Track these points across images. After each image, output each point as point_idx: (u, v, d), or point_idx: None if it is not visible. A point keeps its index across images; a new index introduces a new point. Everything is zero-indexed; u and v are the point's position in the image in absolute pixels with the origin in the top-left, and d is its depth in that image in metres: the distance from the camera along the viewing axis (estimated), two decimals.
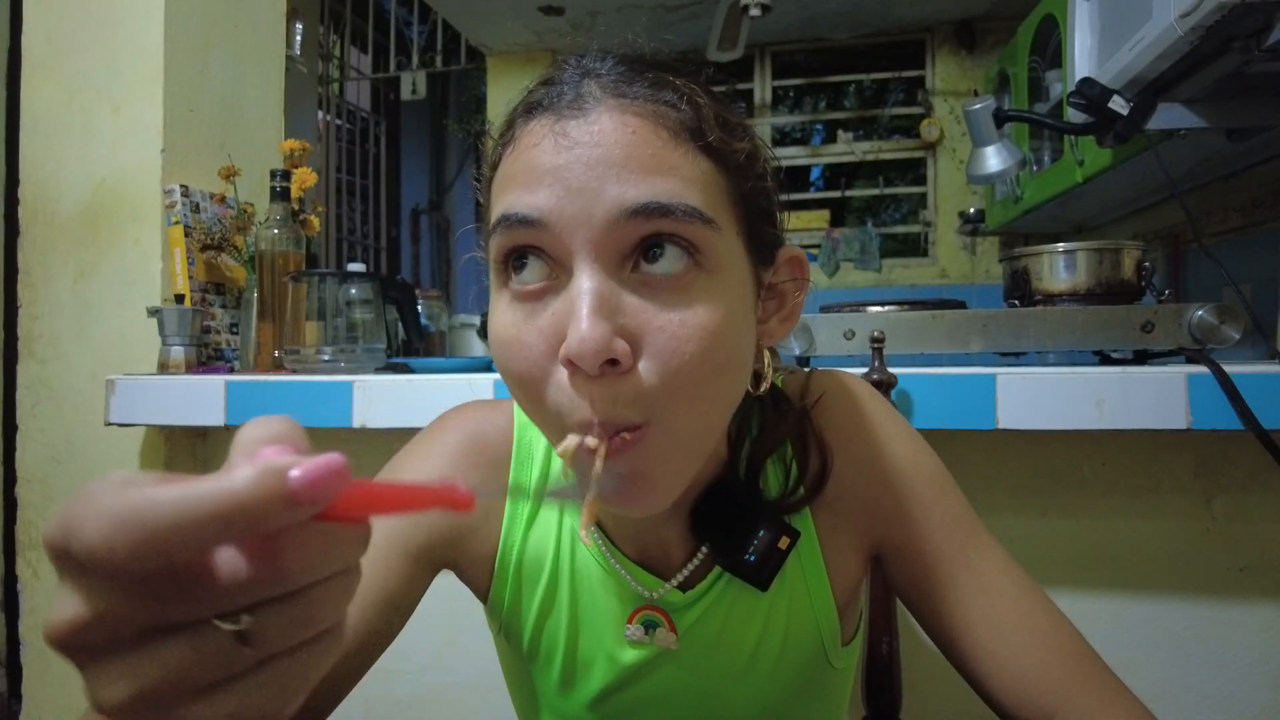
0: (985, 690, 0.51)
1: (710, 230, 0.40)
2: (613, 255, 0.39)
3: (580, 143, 0.39)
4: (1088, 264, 1.06)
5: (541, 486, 0.55)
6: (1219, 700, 0.96)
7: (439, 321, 1.80)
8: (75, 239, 1.32)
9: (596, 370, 0.37)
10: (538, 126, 0.41)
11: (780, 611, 0.53)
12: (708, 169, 0.41)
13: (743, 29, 2.43)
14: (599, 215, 0.38)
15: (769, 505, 0.52)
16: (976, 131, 1.22)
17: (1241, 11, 0.90)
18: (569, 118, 0.40)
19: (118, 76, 1.31)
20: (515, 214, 0.39)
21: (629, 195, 0.38)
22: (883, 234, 3.45)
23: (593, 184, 0.38)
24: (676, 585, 0.53)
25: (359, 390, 1.06)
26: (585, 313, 0.37)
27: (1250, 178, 1.79)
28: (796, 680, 0.55)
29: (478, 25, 3.35)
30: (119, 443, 1.27)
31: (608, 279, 0.39)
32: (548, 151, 0.39)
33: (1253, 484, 0.95)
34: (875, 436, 0.54)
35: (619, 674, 0.54)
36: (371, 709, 1.21)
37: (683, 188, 0.39)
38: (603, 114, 0.39)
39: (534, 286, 0.40)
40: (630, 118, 0.39)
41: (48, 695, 1.31)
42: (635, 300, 0.39)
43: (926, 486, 0.53)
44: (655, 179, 0.38)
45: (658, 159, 0.39)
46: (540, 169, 0.39)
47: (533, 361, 0.40)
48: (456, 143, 4.89)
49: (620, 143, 0.39)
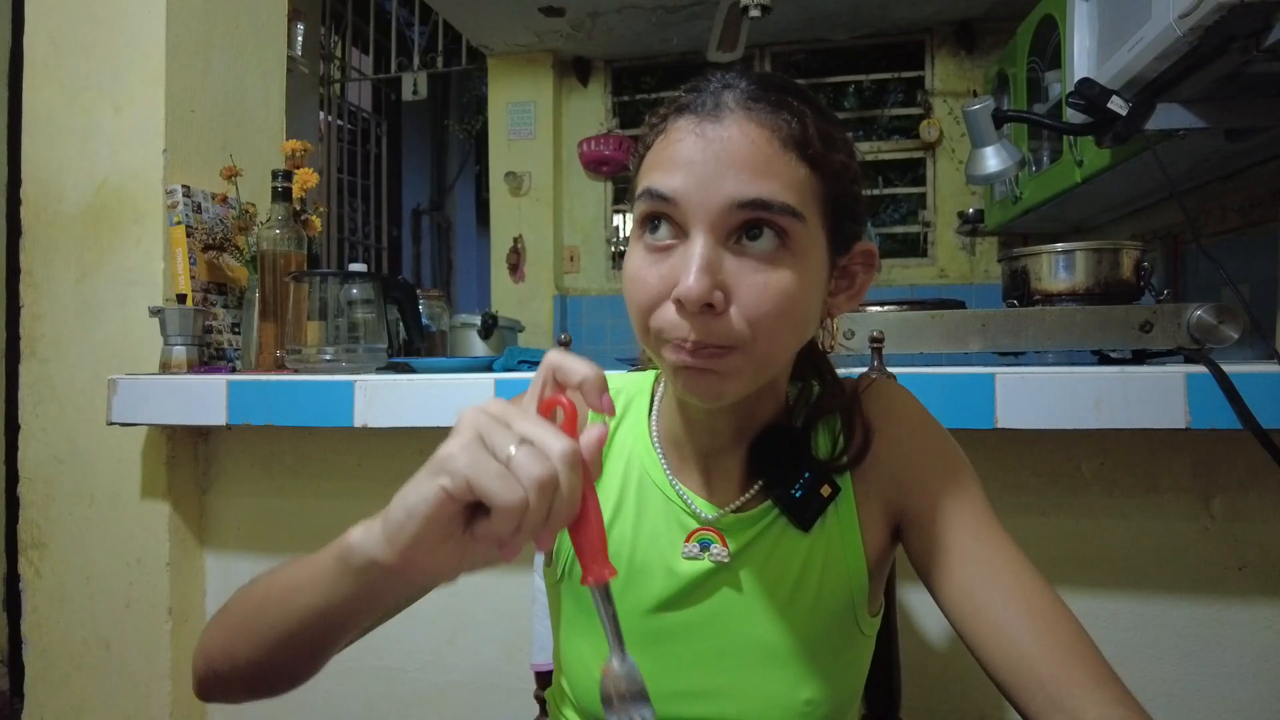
0: (982, 656, 0.55)
1: (798, 223, 0.51)
2: (721, 231, 0.50)
3: (712, 142, 0.50)
4: (1086, 264, 1.07)
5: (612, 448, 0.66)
6: (1218, 699, 0.96)
7: (440, 321, 1.81)
8: (77, 239, 1.32)
9: (697, 310, 0.49)
10: (683, 124, 0.52)
11: (818, 556, 0.61)
12: (805, 174, 0.52)
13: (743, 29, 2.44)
14: (716, 201, 0.50)
15: (817, 462, 0.61)
16: (976, 132, 1.22)
17: (1241, 11, 0.90)
18: (708, 121, 0.51)
19: (119, 77, 1.31)
20: (656, 190, 0.51)
21: (741, 190, 0.50)
22: (882, 234, 3.45)
23: (716, 178, 0.50)
24: (731, 510, 0.61)
25: (360, 390, 1.06)
26: (695, 268, 0.49)
27: (1249, 178, 1.79)
28: (830, 627, 0.61)
29: (478, 26, 3.36)
30: (121, 442, 1.27)
31: (715, 246, 0.50)
32: (688, 146, 0.51)
33: (1251, 483, 0.95)
34: (908, 423, 0.64)
35: (676, 586, 0.61)
36: (373, 707, 1.21)
37: (782, 188, 0.50)
38: (733, 123, 0.51)
39: (662, 243, 0.52)
40: (752, 128, 0.51)
41: (50, 694, 1.31)
42: (734, 263, 0.51)
43: (946, 468, 0.61)
44: (762, 180, 0.50)
45: (768, 164, 0.50)
46: (680, 159, 0.51)
47: (649, 294, 0.52)
48: (457, 143, 4.90)
49: (742, 148, 0.50)
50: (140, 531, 1.26)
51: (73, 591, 1.30)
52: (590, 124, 3.67)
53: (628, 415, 0.67)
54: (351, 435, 1.22)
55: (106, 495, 1.28)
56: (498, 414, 0.41)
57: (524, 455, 0.39)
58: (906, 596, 1.02)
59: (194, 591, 1.29)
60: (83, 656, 1.29)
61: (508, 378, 1.04)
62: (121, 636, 1.27)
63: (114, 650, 1.28)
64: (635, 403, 0.68)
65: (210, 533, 1.31)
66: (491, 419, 0.40)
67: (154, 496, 1.26)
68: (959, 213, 3.26)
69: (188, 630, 1.28)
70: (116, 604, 1.27)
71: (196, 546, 1.30)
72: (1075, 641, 0.52)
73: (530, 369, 1.15)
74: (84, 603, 1.29)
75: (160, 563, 1.25)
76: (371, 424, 1.06)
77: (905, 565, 0.64)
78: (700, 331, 0.50)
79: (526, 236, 3.62)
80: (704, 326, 0.50)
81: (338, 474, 1.24)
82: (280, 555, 1.25)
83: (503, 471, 0.38)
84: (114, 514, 1.28)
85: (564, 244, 3.71)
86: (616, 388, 0.68)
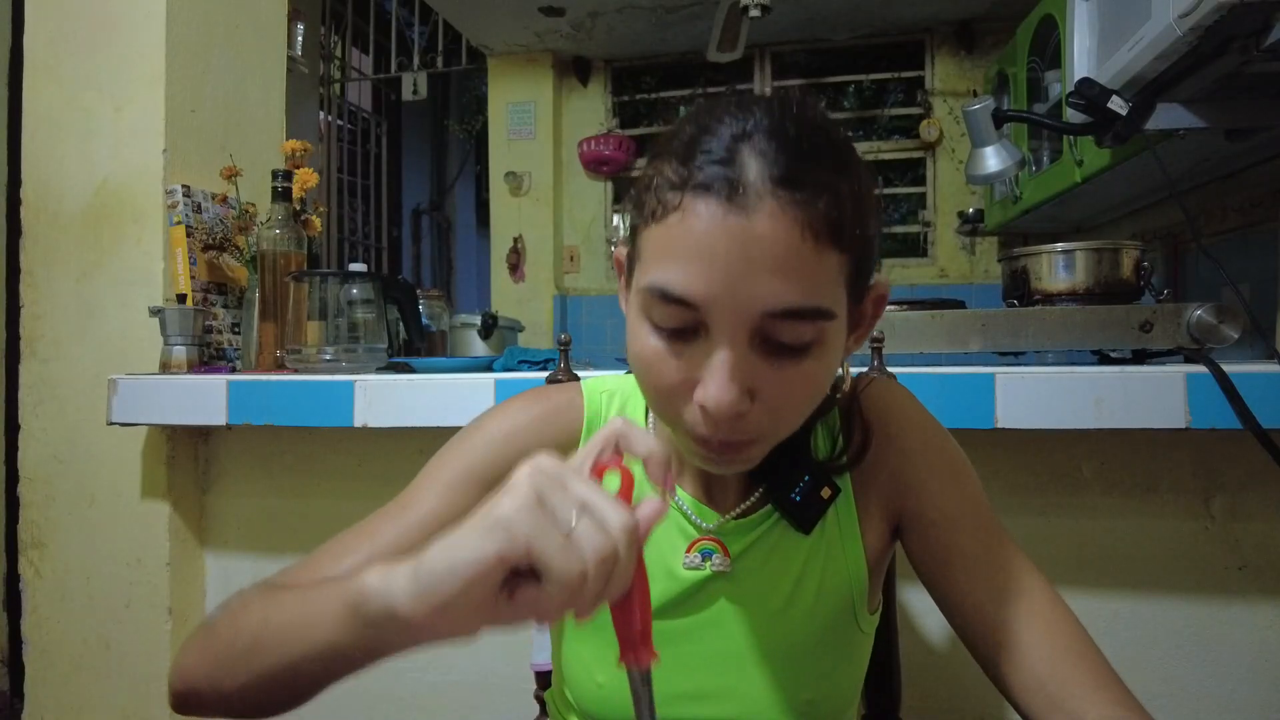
0: (982, 657, 0.54)
1: (832, 321, 0.47)
2: (751, 336, 0.46)
3: (739, 239, 0.44)
4: (1086, 264, 1.07)
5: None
6: (1218, 699, 0.96)
7: (440, 321, 1.81)
8: (77, 239, 1.32)
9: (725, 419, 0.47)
10: (705, 208, 0.45)
11: (818, 557, 0.61)
12: (841, 262, 0.47)
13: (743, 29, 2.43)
14: (746, 308, 0.45)
15: (817, 464, 0.61)
16: (976, 132, 1.22)
17: (1241, 11, 0.90)
18: (737, 211, 0.44)
19: (119, 77, 1.31)
20: (673, 293, 0.46)
21: (775, 300, 0.45)
22: (882, 234, 3.45)
23: (745, 283, 0.44)
24: (732, 517, 0.61)
25: (360, 390, 1.06)
26: (724, 379, 0.46)
27: (1249, 178, 1.79)
28: (830, 627, 0.61)
29: (478, 26, 3.36)
30: (121, 442, 1.27)
31: (745, 351, 0.46)
32: (710, 237, 0.44)
33: (1251, 483, 0.95)
34: (907, 422, 0.63)
35: (677, 592, 0.60)
36: (373, 707, 1.21)
37: (816, 288, 0.46)
38: (763, 215, 0.44)
39: (680, 329, 0.48)
40: (787, 223, 0.44)
41: (50, 694, 1.31)
42: (761, 363, 0.47)
43: (946, 467, 0.61)
44: (797, 282, 0.45)
45: (804, 264, 0.45)
46: (699, 253, 0.45)
47: (670, 387, 0.49)
48: (457, 143, 4.90)
49: (775, 249, 0.44)
50: (140, 531, 1.26)
51: (73, 591, 1.30)
52: (590, 124, 3.68)
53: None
54: (351, 435, 1.22)
55: (106, 495, 1.28)
56: (554, 475, 0.38)
57: (586, 527, 0.36)
58: (906, 596, 1.01)
59: (194, 591, 1.29)
60: (83, 656, 1.29)
61: (508, 378, 1.04)
62: (121, 636, 1.27)
63: (114, 650, 1.28)
64: (630, 406, 0.67)
65: (210, 533, 1.31)
66: (551, 481, 0.38)
67: (154, 496, 1.26)
68: (959, 212, 3.26)
69: (187, 630, 1.28)
70: (116, 604, 1.27)
71: (196, 546, 1.30)
72: (1076, 642, 0.52)
73: (530, 369, 1.15)
74: (84, 603, 1.29)
75: (160, 563, 1.25)
76: (371, 424, 1.06)
77: (905, 564, 0.64)
78: (726, 432, 0.48)
79: (526, 236, 3.62)
80: (730, 427, 0.48)
81: (338, 474, 1.24)
82: (280, 555, 1.25)
83: (565, 543, 0.36)
84: (114, 514, 1.28)
85: (564, 244, 3.71)
86: (611, 389, 0.68)
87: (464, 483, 0.60)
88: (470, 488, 0.60)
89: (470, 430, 0.64)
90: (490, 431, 0.63)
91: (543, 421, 0.64)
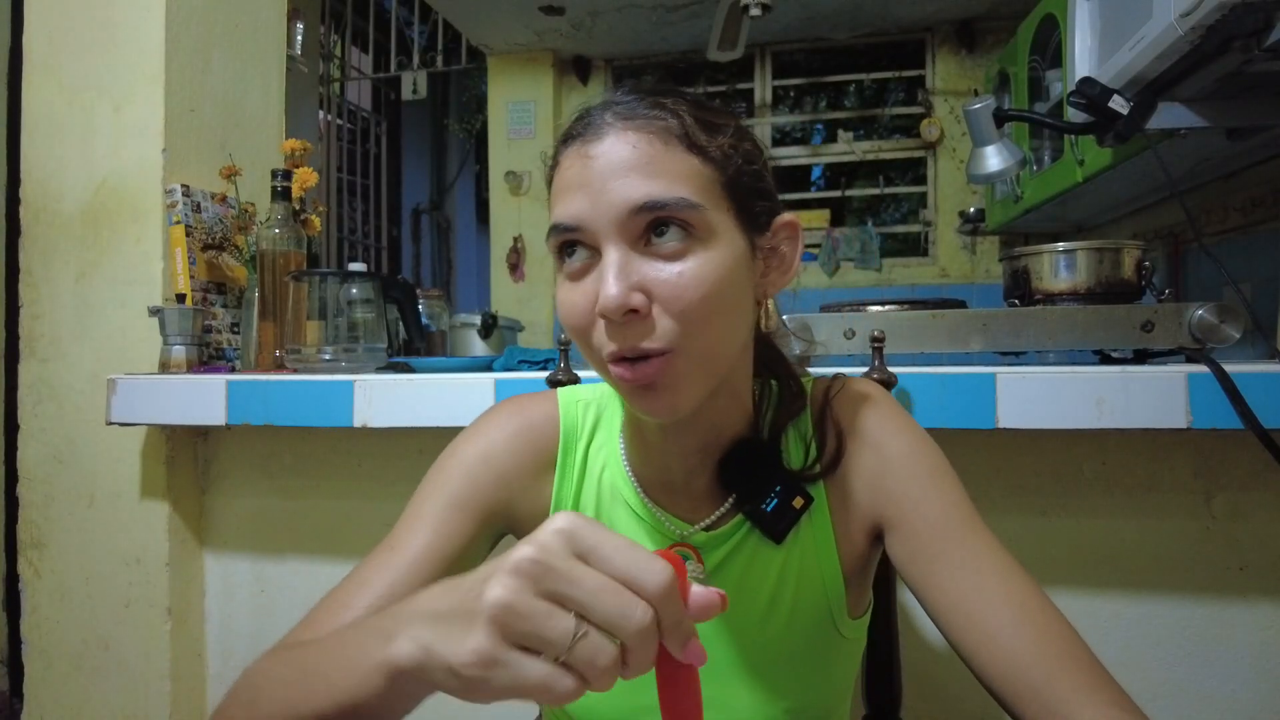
0: (975, 664, 0.54)
1: (698, 212, 0.51)
2: (628, 237, 0.51)
3: (596, 159, 0.51)
4: (1088, 263, 1.06)
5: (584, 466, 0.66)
6: (1219, 699, 0.96)
7: (440, 321, 1.81)
8: (76, 238, 1.32)
9: (621, 318, 0.50)
10: (571, 151, 0.53)
11: (793, 568, 0.61)
12: (695, 164, 0.52)
13: (743, 29, 2.43)
14: (613, 212, 0.50)
15: (789, 473, 0.60)
16: (976, 131, 1.22)
17: (1241, 11, 0.90)
18: (590, 142, 0.52)
19: (119, 76, 1.31)
20: (559, 223, 0.53)
21: (633, 195, 0.50)
22: (883, 233, 3.45)
23: (607, 189, 0.51)
24: (703, 528, 0.61)
25: (360, 390, 1.06)
26: (610, 278, 0.50)
27: (1250, 177, 1.79)
28: (810, 638, 0.61)
29: (478, 25, 3.35)
30: (120, 442, 1.27)
31: (627, 252, 0.51)
32: (577, 171, 0.52)
33: (1253, 483, 0.95)
34: (883, 425, 0.62)
35: None
36: None
37: (673, 183, 0.51)
38: (612, 136, 0.52)
39: (579, 266, 0.53)
40: (631, 134, 0.51)
41: (49, 694, 1.31)
42: (647, 265, 0.51)
43: (926, 470, 0.60)
44: (652, 180, 0.50)
45: (653, 164, 0.51)
46: (572, 185, 0.52)
47: (580, 316, 0.53)
48: (457, 142, 4.89)
49: (624, 155, 0.51)
50: (140, 531, 1.26)
51: (72, 591, 1.30)
52: None
53: (599, 431, 0.66)
54: (351, 435, 1.22)
55: (106, 495, 1.28)
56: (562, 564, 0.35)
57: (585, 648, 0.34)
58: (906, 596, 1.01)
59: (194, 591, 1.29)
60: (82, 656, 1.29)
61: (507, 377, 1.04)
62: (121, 636, 1.27)
63: (114, 650, 1.28)
64: (606, 416, 0.67)
65: (210, 533, 1.31)
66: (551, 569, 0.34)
67: (153, 496, 1.26)
68: (960, 212, 3.26)
69: (187, 630, 1.28)
70: (116, 604, 1.27)
71: (196, 546, 1.30)
72: (1068, 646, 0.51)
73: (530, 369, 1.15)
74: (83, 603, 1.29)
75: (160, 563, 1.25)
76: (371, 424, 1.05)
77: None
78: (631, 336, 0.50)
79: (526, 236, 3.62)
80: (633, 332, 0.50)
81: (337, 474, 1.24)
82: (280, 555, 1.25)
83: (551, 672, 0.34)
84: (113, 514, 1.28)
85: None
86: (587, 400, 0.68)
87: (447, 513, 0.61)
88: (454, 517, 0.61)
89: (446, 458, 0.65)
90: (466, 457, 0.64)
91: (518, 439, 0.65)
